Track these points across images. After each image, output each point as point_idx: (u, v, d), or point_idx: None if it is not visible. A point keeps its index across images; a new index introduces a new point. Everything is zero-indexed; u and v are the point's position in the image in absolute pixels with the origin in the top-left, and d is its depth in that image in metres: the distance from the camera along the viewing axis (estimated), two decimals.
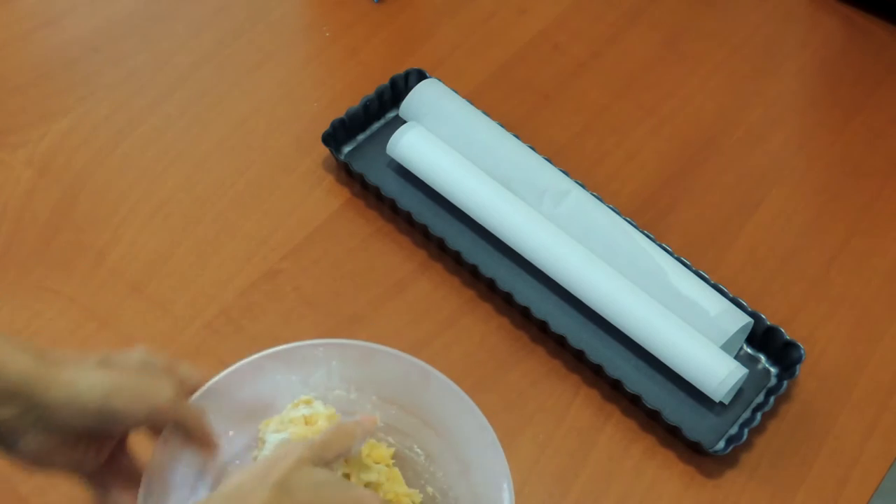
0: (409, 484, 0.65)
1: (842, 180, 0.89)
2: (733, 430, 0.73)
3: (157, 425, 0.59)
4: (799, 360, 0.75)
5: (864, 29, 1.01)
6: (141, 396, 0.56)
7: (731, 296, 0.78)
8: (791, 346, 0.76)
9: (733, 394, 0.74)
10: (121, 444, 0.61)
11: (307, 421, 0.62)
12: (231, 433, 0.65)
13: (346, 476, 0.61)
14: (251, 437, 0.64)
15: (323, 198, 0.85)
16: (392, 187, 0.84)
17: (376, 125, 0.89)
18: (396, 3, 1.00)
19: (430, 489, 0.66)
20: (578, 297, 0.77)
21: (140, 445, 0.62)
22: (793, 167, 0.90)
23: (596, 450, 0.73)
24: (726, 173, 0.89)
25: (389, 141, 0.84)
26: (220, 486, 0.55)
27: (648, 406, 0.72)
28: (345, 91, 0.92)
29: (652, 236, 0.80)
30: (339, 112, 0.86)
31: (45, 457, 0.56)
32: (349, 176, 0.86)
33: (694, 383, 0.74)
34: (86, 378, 0.55)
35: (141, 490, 0.59)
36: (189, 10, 0.98)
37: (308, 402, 0.63)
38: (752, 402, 0.75)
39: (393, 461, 0.65)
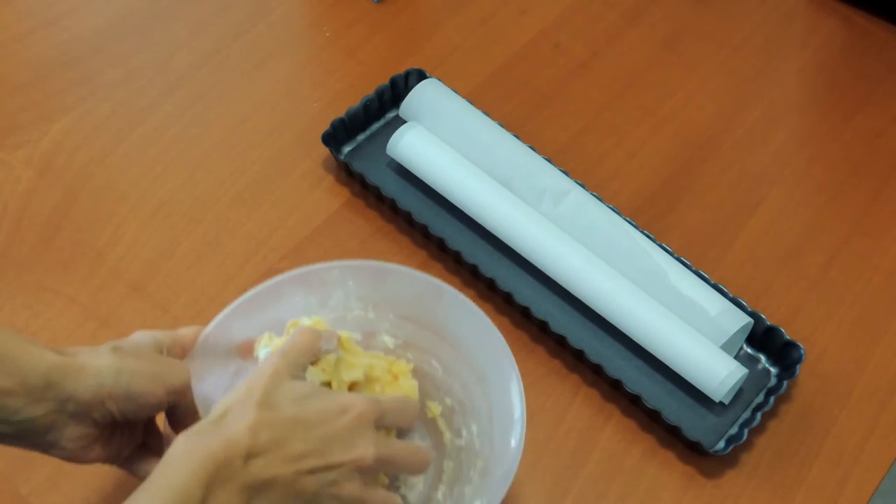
0: (429, 396, 0.69)
1: (842, 180, 0.89)
2: (733, 430, 0.73)
3: (175, 404, 0.61)
4: (799, 360, 0.75)
5: (864, 29, 1.01)
6: (160, 378, 0.58)
7: (731, 296, 0.78)
8: (791, 346, 0.76)
9: (733, 394, 0.74)
10: (150, 427, 0.63)
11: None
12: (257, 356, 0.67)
13: (328, 384, 0.61)
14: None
15: (323, 198, 0.85)
16: (392, 187, 0.84)
17: (376, 125, 0.89)
18: (396, 3, 1.00)
19: (448, 400, 0.70)
20: (578, 296, 0.77)
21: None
22: (793, 167, 0.90)
23: (596, 450, 0.73)
24: (726, 173, 0.89)
25: (389, 141, 0.84)
26: (208, 414, 0.56)
27: (648, 406, 0.72)
28: (345, 91, 0.92)
29: (652, 236, 0.80)
30: (339, 112, 0.86)
31: (84, 450, 0.58)
32: (349, 176, 0.86)
33: (694, 383, 0.74)
34: (108, 365, 0.57)
35: None
36: (189, 10, 0.98)
37: (295, 324, 0.65)
38: (752, 402, 0.75)
39: (412, 375, 0.67)
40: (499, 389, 0.65)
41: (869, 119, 0.94)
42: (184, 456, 0.52)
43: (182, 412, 0.62)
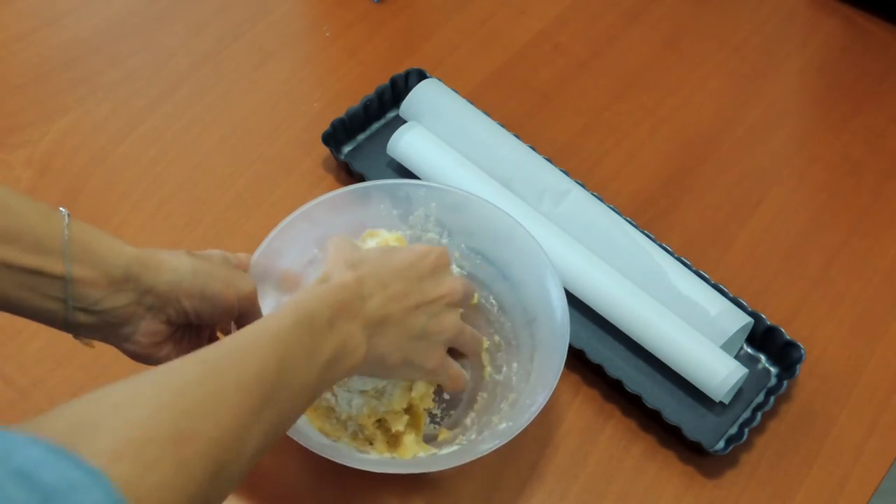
0: (481, 331, 0.72)
1: (842, 180, 0.89)
2: (733, 430, 0.73)
3: (243, 313, 0.64)
4: (799, 360, 0.75)
5: (864, 29, 1.01)
6: (231, 283, 0.62)
7: (731, 296, 0.78)
8: (791, 346, 0.76)
9: (733, 394, 0.74)
10: (213, 338, 0.67)
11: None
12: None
13: None
14: None
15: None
16: None
17: (376, 125, 0.89)
18: (396, 3, 1.00)
19: (496, 337, 0.74)
20: (578, 296, 0.77)
21: None
22: (793, 167, 0.90)
23: (596, 450, 0.73)
24: (726, 173, 0.89)
25: (389, 141, 0.84)
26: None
27: (648, 406, 0.72)
28: (345, 91, 0.92)
29: (652, 236, 0.80)
30: (339, 112, 0.86)
31: (155, 346, 0.61)
32: (349, 176, 0.85)
33: (694, 383, 0.74)
34: (186, 264, 0.60)
35: None
36: (189, 10, 0.98)
37: (373, 235, 0.72)
38: (752, 402, 0.75)
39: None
40: (547, 330, 0.69)
41: (869, 119, 0.94)
42: (310, 293, 0.57)
43: (250, 321, 0.63)
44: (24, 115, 0.89)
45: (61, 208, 0.57)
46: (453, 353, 0.67)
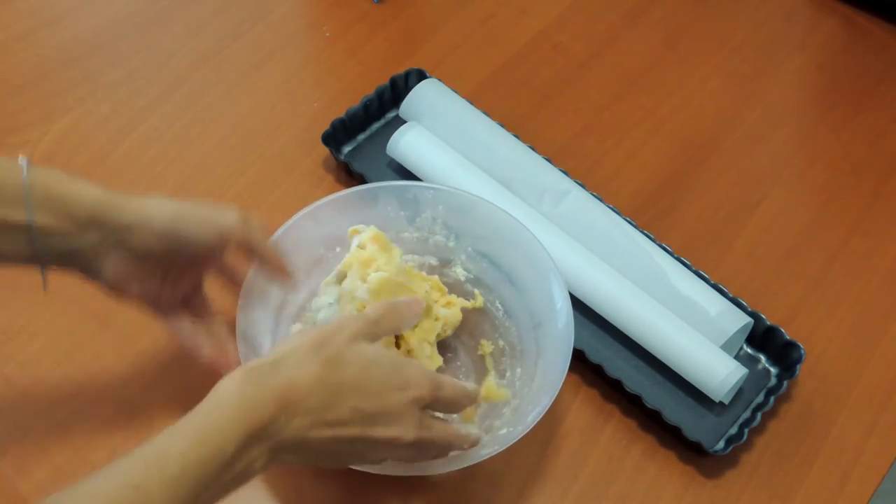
0: (485, 335, 0.73)
1: (842, 180, 0.89)
2: (733, 430, 0.73)
3: (243, 247, 0.63)
4: (799, 360, 0.75)
5: (864, 29, 1.01)
6: (207, 221, 0.61)
7: (731, 296, 0.78)
8: (791, 346, 0.76)
9: (733, 394, 0.74)
10: (197, 287, 0.66)
11: (363, 263, 0.67)
12: (338, 249, 0.74)
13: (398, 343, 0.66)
14: None
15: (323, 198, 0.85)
16: None
17: (376, 125, 0.89)
18: (396, 3, 1.00)
19: (501, 342, 0.74)
20: (578, 297, 0.77)
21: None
22: (793, 167, 0.90)
23: (596, 450, 0.73)
24: (726, 173, 0.89)
25: (389, 141, 0.84)
26: (274, 347, 0.59)
27: (648, 406, 0.72)
28: (345, 91, 0.92)
29: (652, 236, 0.80)
30: (339, 112, 0.86)
31: (124, 282, 0.61)
32: (349, 176, 0.85)
33: (694, 383, 0.74)
34: (156, 203, 0.60)
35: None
36: (189, 10, 0.98)
37: (355, 232, 0.71)
38: (752, 402, 0.75)
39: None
40: (551, 335, 0.69)
41: (869, 119, 0.94)
42: (233, 403, 0.52)
43: (251, 250, 0.64)
44: (24, 115, 0.89)
45: (20, 157, 0.57)
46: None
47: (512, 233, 0.73)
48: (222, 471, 0.52)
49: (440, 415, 0.65)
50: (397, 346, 0.67)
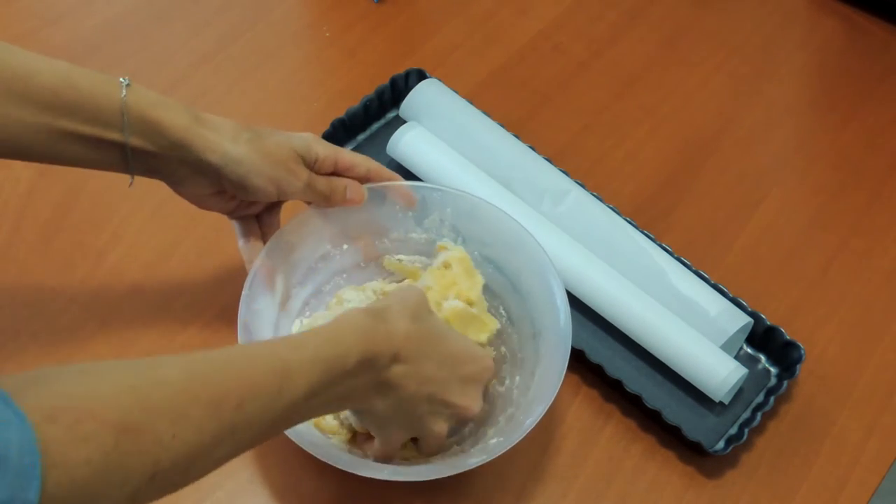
0: (489, 342, 0.72)
1: (841, 180, 0.89)
2: (733, 430, 0.73)
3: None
4: (799, 360, 0.75)
5: (864, 29, 1.01)
6: (274, 182, 0.66)
7: (731, 296, 0.78)
8: (791, 346, 0.76)
9: (733, 394, 0.74)
10: (273, 209, 0.72)
11: (445, 286, 0.70)
12: (345, 246, 0.75)
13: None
14: (361, 254, 0.76)
15: None
16: None
17: (376, 125, 0.89)
18: (396, 3, 1.00)
19: (503, 349, 0.73)
20: (578, 297, 0.77)
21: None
22: (793, 167, 0.90)
23: (596, 450, 0.73)
24: (726, 173, 0.89)
25: (389, 141, 0.84)
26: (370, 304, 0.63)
27: (648, 406, 0.72)
28: (345, 91, 0.92)
29: (652, 236, 0.80)
30: (339, 112, 0.86)
31: (203, 198, 0.68)
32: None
33: (694, 383, 0.74)
34: (235, 152, 0.64)
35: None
36: (189, 10, 0.98)
37: (442, 248, 0.73)
38: (752, 402, 0.75)
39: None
40: (550, 345, 0.69)
41: (869, 119, 0.94)
42: (357, 326, 0.57)
43: (318, 200, 0.70)
44: None
45: (121, 78, 0.62)
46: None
47: (518, 239, 0.72)
48: (341, 378, 0.55)
49: None
50: None
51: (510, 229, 0.73)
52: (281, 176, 0.66)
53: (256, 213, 0.71)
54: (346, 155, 0.71)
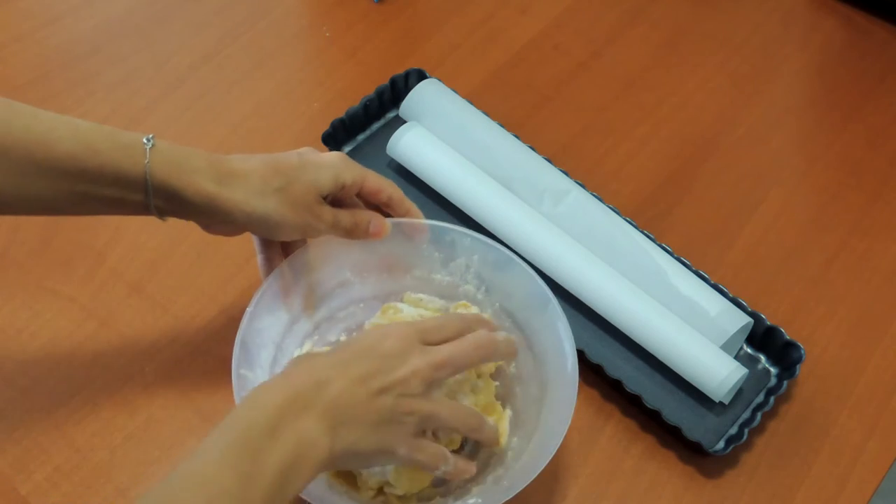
0: (496, 396, 0.70)
1: (842, 180, 0.89)
2: (733, 430, 0.73)
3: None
4: (799, 360, 0.75)
5: (864, 29, 1.01)
6: (300, 230, 0.66)
7: (731, 296, 0.78)
8: (791, 346, 0.76)
9: (733, 394, 0.74)
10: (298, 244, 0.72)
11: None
12: (366, 276, 0.74)
13: None
14: (382, 286, 0.74)
15: None
16: None
17: (376, 125, 0.89)
18: (396, 3, 1.00)
19: (508, 410, 0.70)
20: (578, 297, 0.77)
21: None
22: (793, 167, 0.90)
23: (596, 450, 0.73)
24: (726, 173, 0.89)
25: (389, 141, 0.84)
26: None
27: (648, 406, 0.72)
28: (345, 91, 0.92)
29: (652, 236, 0.80)
30: (339, 112, 0.86)
31: (233, 234, 0.67)
32: None
33: (694, 383, 0.74)
34: (261, 209, 0.64)
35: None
36: (189, 10, 0.98)
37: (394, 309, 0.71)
38: (752, 402, 0.75)
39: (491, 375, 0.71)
40: (552, 416, 0.66)
41: (869, 119, 0.94)
42: (248, 398, 0.56)
43: (345, 234, 0.69)
44: None
45: (144, 139, 0.61)
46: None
47: (542, 303, 0.69)
48: (260, 454, 0.53)
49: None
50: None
51: (535, 291, 0.70)
52: (307, 222, 0.66)
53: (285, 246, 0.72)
54: (372, 179, 0.69)
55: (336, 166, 0.67)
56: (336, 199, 0.69)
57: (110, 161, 0.60)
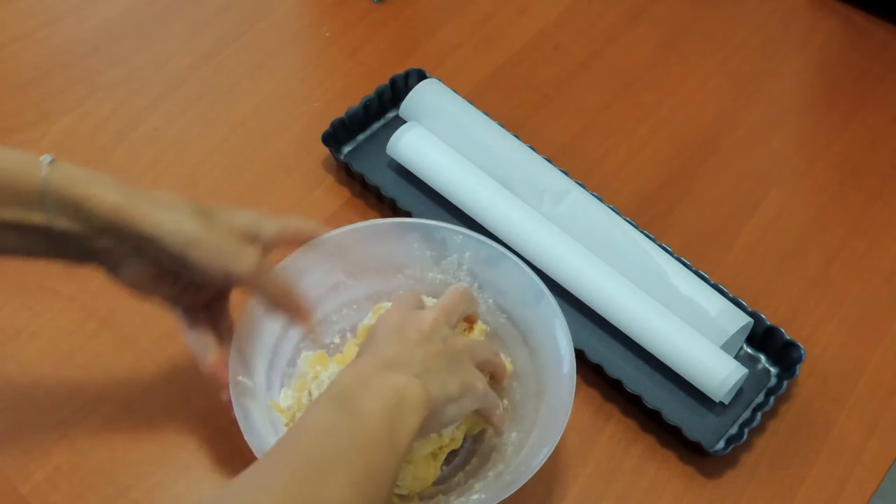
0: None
1: (842, 180, 0.89)
2: (733, 430, 0.73)
3: (242, 288, 0.63)
4: (799, 360, 0.75)
5: (864, 29, 1.01)
6: (219, 258, 0.59)
7: (731, 296, 0.78)
8: (791, 346, 0.76)
9: (733, 394, 0.74)
10: (222, 297, 0.66)
11: None
12: (359, 278, 0.73)
13: None
14: (374, 287, 0.74)
15: (323, 198, 0.85)
16: (392, 187, 0.84)
17: (376, 125, 0.89)
18: (396, 3, 1.00)
19: (505, 401, 0.70)
20: (578, 296, 0.77)
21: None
22: (793, 167, 0.90)
23: (596, 450, 0.73)
24: (726, 173, 0.89)
25: (389, 141, 0.84)
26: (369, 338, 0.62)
27: (648, 406, 0.72)
28: (345, 91, 0.92)
29: (652, 236, 0.80)
30: (339, 112, 0.86)
31: (144, 284, 0.61)
32: (349, 176, 0.86)
33: (694, 383, 0.74)
34: (173, 223, 0.58)
35: (233, 343, 0.66)
36: (189, 10, 0.98)
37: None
38: (752, 402, 0.75)
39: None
40: (551, 409, 0.66)
41: (869, 119, 0.94)
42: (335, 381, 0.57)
43: (263, 297, 0.63)
44: (24, 115, 0.89)
45: (43, 156, 0.57)
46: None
47: (535, 296, 0.70)
48: (360, 398, 0.55)
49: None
50: None
51: (528, 282, 0.70)
52: (226, 251, 0.59)
53: (205, 301, 0.65)
54: (292, 224, 0.66)
55: (254, 213, 0.63)
56: None
57: (8, 175, 0.56)
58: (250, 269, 0.60)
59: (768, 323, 0.76)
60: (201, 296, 0.64)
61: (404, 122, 0.86)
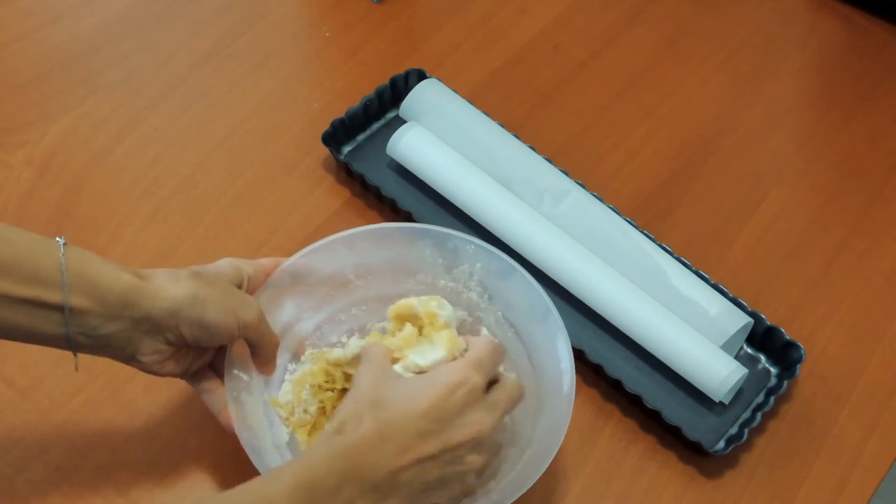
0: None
1: (842, 180, 0.89)
2: (733, 430, 0.73)
3: (249, 338, 0.65)
4: (799, 360, 0.75)
5: (864, 29, 1.01)
6: (232, 312, 0.61)
7: (731, 296, 0.78)
8: (791, 346, 0.76)
9: (733, 394, 0.74)
10: (222, 351, 0.66)
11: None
12: (369, 277, 0.73)
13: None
14: (384, 289, 0.73)
15: (323, 198, 0.85)
16: (392, 187, 0.84)
17: (376, 125, 0.89)
18: (396, 3, 1.00)
19: (506, 417, 0.67)
20: (578, 297, 0.77)
21: None
22: (793, 167, 0.90)
23: (596, 450, 0.73)
24: (726, 173, 0.89)
25: (389, 141, 0.84)
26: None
27: (648, 406, 0.72)
28: (345, 91, 0.92)
29: (652, 236, 0.80)
30: (339, 112, 0.86)
31: (159, 364, 0.62)
32: (349, 176, 0.86)
33: (694, 383, 0.74)
34: (186, 290, 0.60)
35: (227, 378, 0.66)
36: (189, 10, 0.98)
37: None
38: (752, 402, 0.75)
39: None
40: (545, 433, 0.66)
41: (869, 119, 0.94)
42: (318, 453, 0.55)
43: (257, 344, 0.65)
44: (24, 115, 0.89)
45: (57, 238, 0.58)
46: None
47: (543, 314, 0.69)
48: (330, 498, 0.54)
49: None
50: None
51: (536, 299, 0.69)
52: (236, 303, 0.62)
53: (210, 361, 0.67)
54: (263, 262, 0.68)
55: (229, 262, 0.65)
56: None
57: (25, 251, 0.57)
58: (258, 313, 0.63)
59: (768, 323, 0.76)
60: (206, 357, 0.66)
61: (404, 122, 0.86)
